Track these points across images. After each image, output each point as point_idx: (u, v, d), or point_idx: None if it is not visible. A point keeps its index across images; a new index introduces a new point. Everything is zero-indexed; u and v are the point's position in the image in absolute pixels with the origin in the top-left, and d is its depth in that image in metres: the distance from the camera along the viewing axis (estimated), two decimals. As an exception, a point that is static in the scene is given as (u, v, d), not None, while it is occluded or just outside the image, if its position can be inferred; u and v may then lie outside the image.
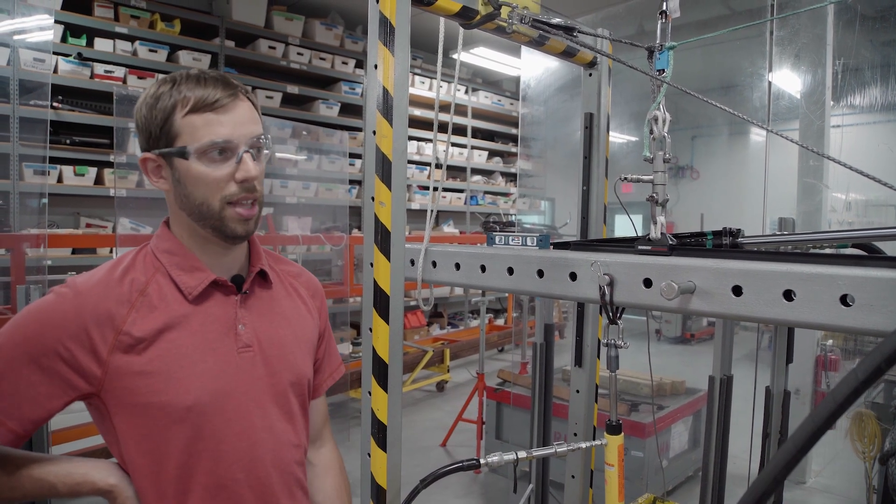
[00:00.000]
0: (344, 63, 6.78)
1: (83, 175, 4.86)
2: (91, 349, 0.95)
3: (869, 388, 0.89)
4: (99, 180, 5.00)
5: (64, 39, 4.85)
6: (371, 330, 1.20)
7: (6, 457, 0.95)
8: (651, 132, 1.16)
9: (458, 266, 1.35)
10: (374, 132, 1.14)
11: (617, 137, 4.95)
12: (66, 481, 0.96)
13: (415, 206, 7.35)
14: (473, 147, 8.40)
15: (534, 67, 4.63)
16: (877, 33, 3.83)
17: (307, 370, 1.21)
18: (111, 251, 4.79)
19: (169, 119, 1.01)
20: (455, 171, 8.30)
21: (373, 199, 1.15)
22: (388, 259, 1.17)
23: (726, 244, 1.22)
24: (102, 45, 5.04)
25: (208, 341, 1.04)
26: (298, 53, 6.37)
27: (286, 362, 1.15)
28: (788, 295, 1.00)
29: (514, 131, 9.04)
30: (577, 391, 1.81)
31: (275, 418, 1.12)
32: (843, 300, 0.95)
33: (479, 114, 8.51)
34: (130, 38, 5.20)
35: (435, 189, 1.46)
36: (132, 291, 1.00)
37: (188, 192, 1.04)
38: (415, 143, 7.44)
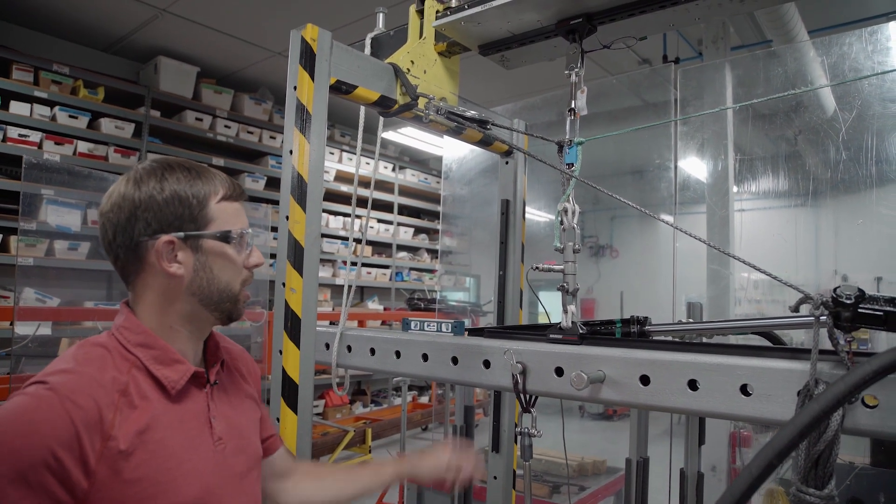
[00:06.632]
0: (272, 137, 6.78)
1: (-14, 242, 4.58)
2: (81, 458, 0.87)
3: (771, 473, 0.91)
4: (4, 247, 4.72)
5: (-25, 101, 4.66)
6: (279, 420, 1.15)
7: None
8: (561, 223, 1.20)
9: (373, 351, 1.33)
10: (287, 217, 1.13)
11: (539, 216, 5.10)
12: None
13: (339, 281, 7.26)
14: (399, 224, 8.47)
15: (456, 149, 4.75)
16: (770, 129, 4.19)
17: (260, 451, 1.19)
18: (11, 324, 4.44)
19: (203, 204, 1.04)
20: (381, 247, 8.31)
21: (283, 284, 1.13)
22: (298, 347, 1.13)
23: (634, 332, 1.26)
24: (18, 108, 4.87)
25: (190, 438, 1.00)
26: (226, 126, 6.33)
27: (250, 449, 1.14)
28: (693, 384, 1.03)
29: (439, 208, 9.18)
30: (495, 477, 1.78)
31: None
32: (744, 390, 0.99)
33: (405, 191, 8.62)
34: (50, 103, 5.04)
35: (354, 263, 1.44)
36: (114, 392, 0.93)
37: (213, 275, 1.05)
38: (341, 218, 7.43)
